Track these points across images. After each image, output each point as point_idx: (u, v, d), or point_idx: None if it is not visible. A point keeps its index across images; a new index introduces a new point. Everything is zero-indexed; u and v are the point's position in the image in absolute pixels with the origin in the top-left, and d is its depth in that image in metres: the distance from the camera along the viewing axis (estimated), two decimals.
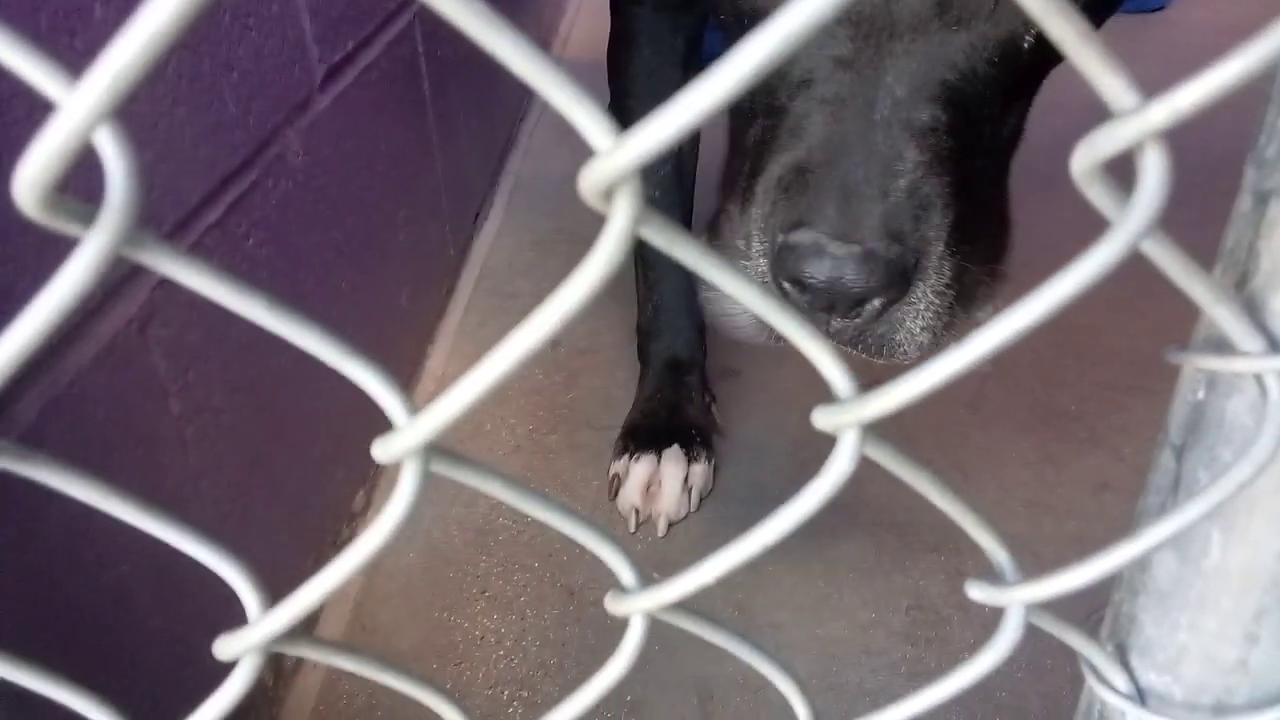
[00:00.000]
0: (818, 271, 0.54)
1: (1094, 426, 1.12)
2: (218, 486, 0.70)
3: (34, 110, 0.50)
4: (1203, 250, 0.26)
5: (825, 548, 0.96)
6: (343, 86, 0.93)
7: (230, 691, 0.23)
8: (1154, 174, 0.18)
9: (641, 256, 1.07)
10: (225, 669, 0.25)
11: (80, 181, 0.30)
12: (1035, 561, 0.98)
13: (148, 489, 0.62)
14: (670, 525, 0.97)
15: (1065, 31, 0.18)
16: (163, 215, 0.62)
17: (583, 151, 0.18)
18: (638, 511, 0.97)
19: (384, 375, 0.21)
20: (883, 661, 0.86)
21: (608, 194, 0.18)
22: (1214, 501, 0.22)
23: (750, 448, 1.10)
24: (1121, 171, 0.19)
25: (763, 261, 0.60)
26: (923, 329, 0.58)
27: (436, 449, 0.22)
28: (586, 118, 0.18)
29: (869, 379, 0.22)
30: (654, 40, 0.99)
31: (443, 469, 0.22)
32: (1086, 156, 0.18)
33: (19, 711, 0.49)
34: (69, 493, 0.23)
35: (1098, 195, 0.19)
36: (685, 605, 0.26)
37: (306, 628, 0.87)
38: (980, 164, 0.60)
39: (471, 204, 1.47)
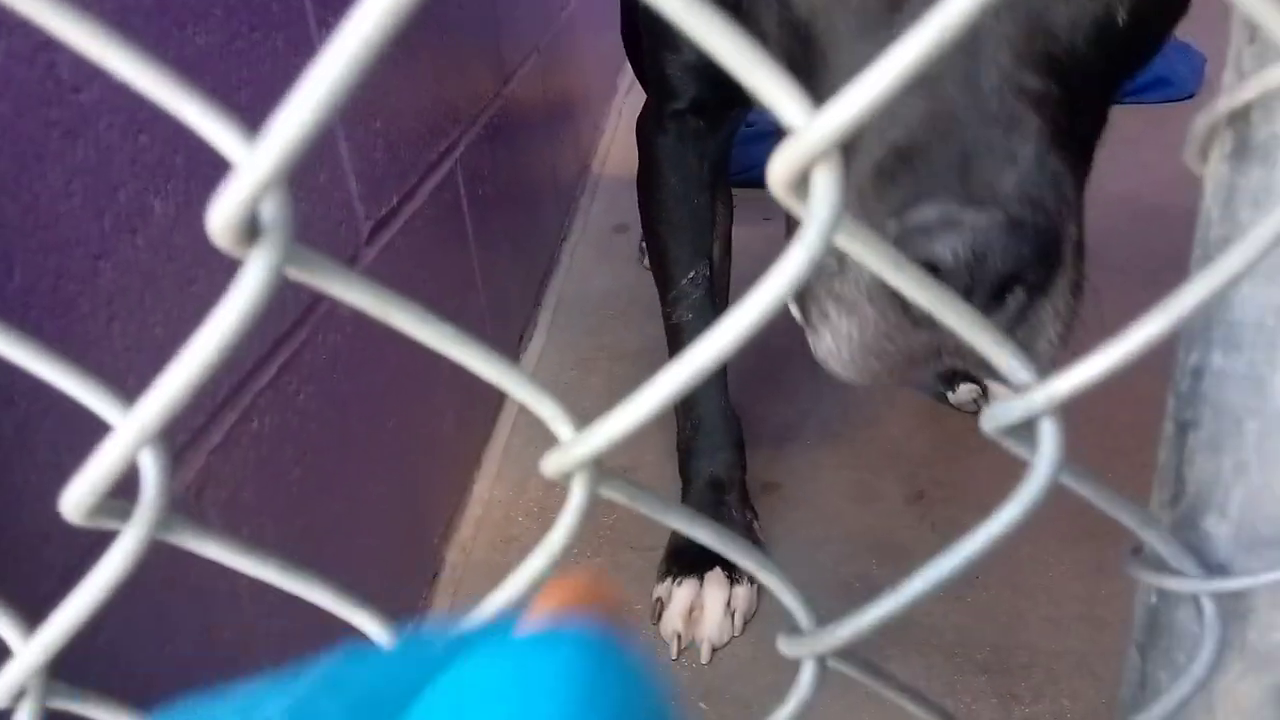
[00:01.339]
0: (956, 248, 0.44)
1: None
2: (271, 636, 0.73)
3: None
4: None
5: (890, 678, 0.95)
6: (388, 237, 0.99)
7: None
8: (1048, 439, 0.20)
9: None
10: None
11: None
12: (1094, 680, 0.95)
13: (204, 647, 0.65)
14: (714, 650, 0.98)
15: (961, 320, 0.20)
16: (217, 385, 0.67)
17: (621, 269, 0.20)
18: (680, 637, 0.98)
19: (385, 621, 0.24)
20: None
21: (568, 475, 0.21)
22: (1161, 717, 0.23)
23: (793, 564, 1.10)
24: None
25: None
26: (1058, 338, 0.50)
27: None
28: (548, 412, 0.21)
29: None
30: (679, 168, 1.03)
31: None
32: (991, 422, 0.21)
33: None
34: None
35: (1013, 449, 0.21)
36: None
37: None
38: (1080, 158, 0.53)
39: (515, 327, 1.52)
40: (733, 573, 1.02)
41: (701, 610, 0.99)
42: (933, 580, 0.22)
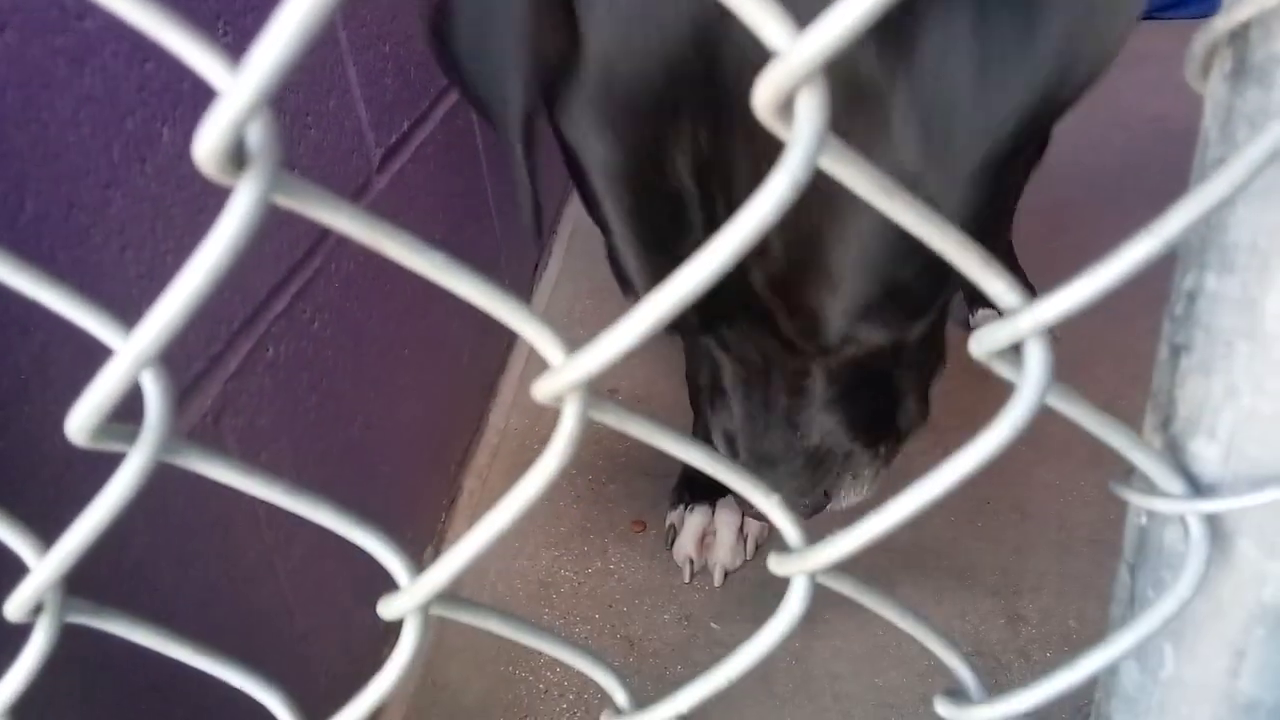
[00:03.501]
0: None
1: None
2: (291, 560, 0.75)
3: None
4: None
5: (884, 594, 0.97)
6: (399, 165, 0.99)
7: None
8: (1034, 362, 0.20)
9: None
10: None
11: None
12: (1100, 603, 0.97)
13: (225, 568, 0.67)
14: (726, 574, 0.99)
15: (947, 244, 0.20)
16: (232, 313, 0.67)
17: None
18: (692, 561, 1.00)
19: (388, 541, 0.24)
20: None
21: (559, 399, 0.21)
22: (1143, 634, 0.24)
23: None
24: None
25: None
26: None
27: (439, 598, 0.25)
28: (538, 335, 0.21)
29: None
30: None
31: (444, 612, 0.26)
32: (979, 346, 0.21)
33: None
34: (134, 639, 0.27)
35: (1002, 371, 0.22)
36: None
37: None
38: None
39: (530, 257, 1.52)
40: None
41: (714, 536, 1.00)
42: (919, 501, 0.22)
